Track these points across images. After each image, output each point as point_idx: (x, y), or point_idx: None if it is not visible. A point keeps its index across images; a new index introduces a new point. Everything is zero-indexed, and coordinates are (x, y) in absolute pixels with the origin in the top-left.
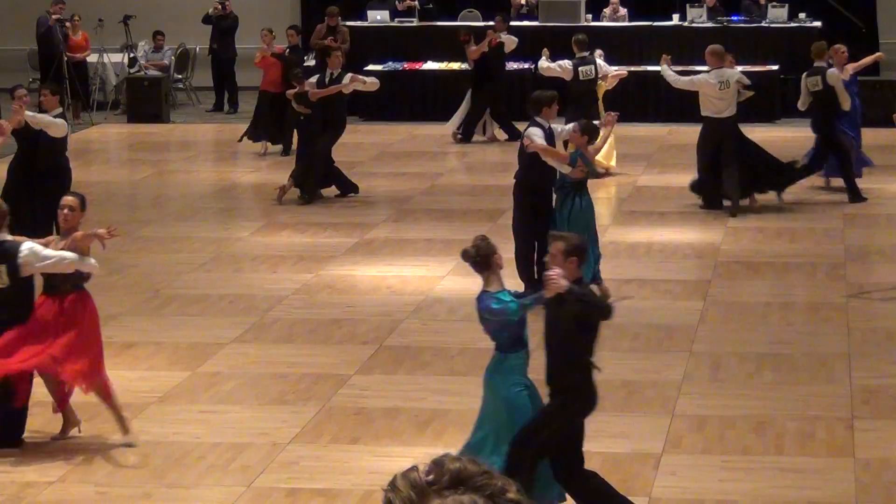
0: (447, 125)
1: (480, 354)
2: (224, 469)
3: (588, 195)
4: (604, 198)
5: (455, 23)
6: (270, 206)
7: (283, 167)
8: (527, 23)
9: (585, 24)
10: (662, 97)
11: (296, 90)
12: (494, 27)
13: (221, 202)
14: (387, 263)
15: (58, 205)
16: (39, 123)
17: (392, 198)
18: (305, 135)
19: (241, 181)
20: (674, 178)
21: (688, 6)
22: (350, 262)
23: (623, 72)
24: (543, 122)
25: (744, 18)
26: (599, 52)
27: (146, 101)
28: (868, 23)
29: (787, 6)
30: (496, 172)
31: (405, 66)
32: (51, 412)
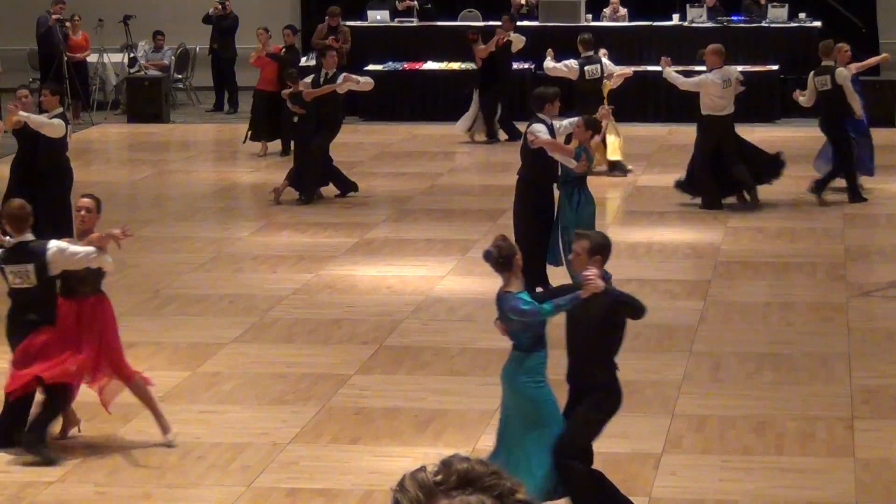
0: (455, 127)
1: (480, 354)
2: (224, 469)
3: (588, 189)
4: (604, 198)
5: (455, 23)
6: (270, 207)
7: (283, 167)
8: (527, 23)
9: (585, 24)
10: (662, 97)
11: (290, 90)
12: (503, 26)
13: (221, 202)
14: (387, 263)
15: (58, 205)
16: (34, 124)
17: (392, 198)
18: (300, 135)
19: (241, 181)
20: (674, 179)
21: (688, 6)
22: (350, 262)
23: (628, 70)
24: (546, 119)
25: (744, 18)
26: (604, 51)
27: (146, 101)
28: (868, 23)
29: (787, 6)
30: (496, 172)
31: (405, 66)
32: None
